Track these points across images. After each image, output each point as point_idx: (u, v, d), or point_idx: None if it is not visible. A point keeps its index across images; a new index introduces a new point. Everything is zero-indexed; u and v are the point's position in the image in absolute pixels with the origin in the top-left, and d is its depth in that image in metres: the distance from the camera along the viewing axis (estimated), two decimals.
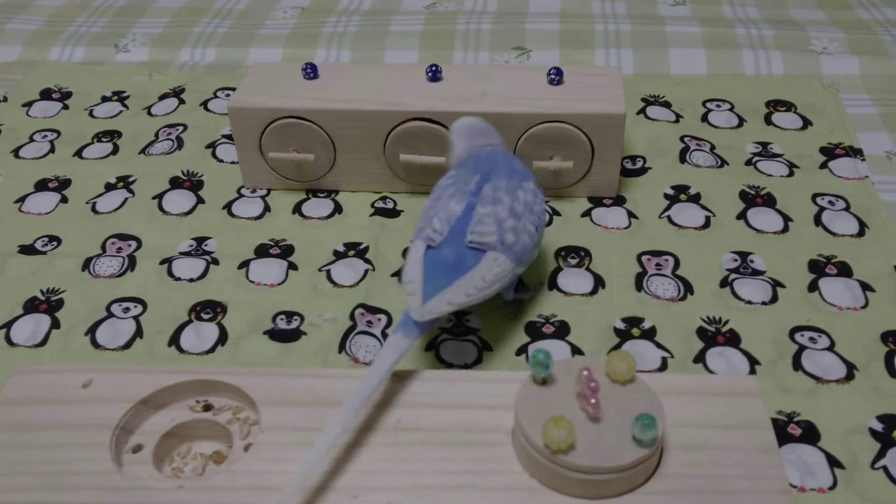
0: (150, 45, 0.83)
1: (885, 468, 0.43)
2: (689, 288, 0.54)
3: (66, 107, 0.75)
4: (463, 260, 0.46)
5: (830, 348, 0.50)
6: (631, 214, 0.60)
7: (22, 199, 0.63)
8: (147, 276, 0.56)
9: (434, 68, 0.61)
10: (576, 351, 0.50)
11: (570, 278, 0.55)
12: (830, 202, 0.61)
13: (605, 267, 0.56)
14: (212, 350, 0.51)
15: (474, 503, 0.36)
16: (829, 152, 0.66)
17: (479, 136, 0.53)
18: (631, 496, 0.36)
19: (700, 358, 0.49)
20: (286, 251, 0.58)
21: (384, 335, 0.51)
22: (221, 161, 0.67)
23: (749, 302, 0.53)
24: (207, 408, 0.41)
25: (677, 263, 0.56)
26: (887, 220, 0.59)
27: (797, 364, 0.49)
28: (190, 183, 0.64)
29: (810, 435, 0.45)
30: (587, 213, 0.60)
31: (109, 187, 0.64)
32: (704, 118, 0.71)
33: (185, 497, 0.37)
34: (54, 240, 0.59)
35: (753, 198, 0.61)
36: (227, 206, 0.62)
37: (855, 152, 0.65)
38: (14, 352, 0.51)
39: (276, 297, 0.54)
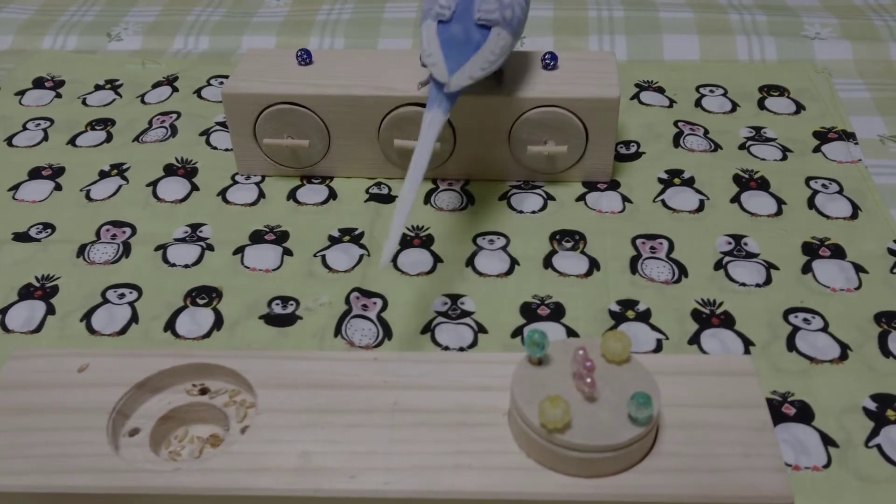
0: (143, 33, 0.83)
1: (878, 446, 0.43)
2: (683, 271, 0.54)
3: (59, 95, 0.74)
4: (472, 36, 0.52)
5: (824, 329, 0.50)
6: (625, 198, 0.60)
7: (15, 187, 0.63)
8: (142, 262, 0.56)
9: None
10: (571, 333, 0.50)
11: (564, 261, 0.55)
12: (824, 185, 0.61)
13: (599, 250, 0.56)
14: (207, 335, 0.51)
15: (471, 483, 0.36)
16: (823, 136, 0.66)
17: None
18: (627, 474, 0.36)
19: (695, 340, 0.49)
20: (281, 237, 0.58)
21: (380, 319, 0.51)
22: (215, 148, 0.66)
23: (743, 284, 0.53)
24: (204, 391, 0.41)
25: (671, 247, 0.56)
26: (880, 203, 0.59)
27: (791, 345, 0.49)
28: (184, 170, 0.64)
29: (804, 414, 0.45)
30: (582, 198, 0.60)
31: (103, 175, 0.64)
32: (698, 103, 0.71)
33: (182, 479, 0.37)
34: (49, 227, 0.59)
35: (747, 181, 0.61)
36: (222, 193, 0.62)
37: (848, 136, 0.66)
38: (10, 338, 0.51)
39: (271, 283, 0.54)
